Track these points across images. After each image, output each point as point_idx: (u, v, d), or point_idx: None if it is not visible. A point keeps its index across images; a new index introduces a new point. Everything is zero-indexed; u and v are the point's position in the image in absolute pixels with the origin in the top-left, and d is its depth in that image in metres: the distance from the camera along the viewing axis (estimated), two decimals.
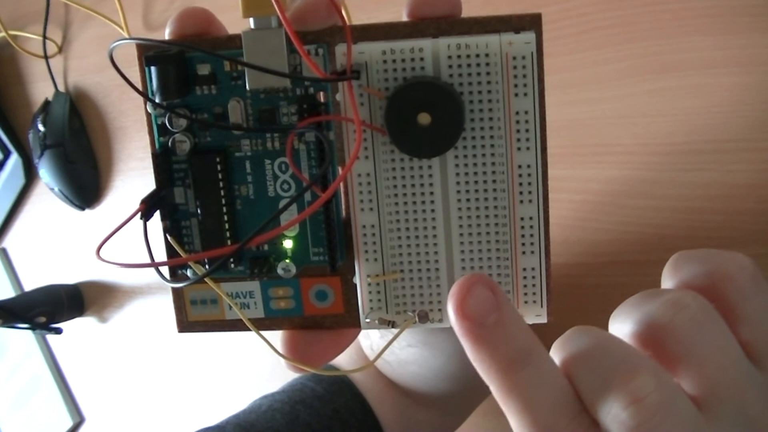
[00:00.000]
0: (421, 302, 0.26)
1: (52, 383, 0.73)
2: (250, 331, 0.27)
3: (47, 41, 0.69)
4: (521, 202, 0.24)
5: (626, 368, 0.20)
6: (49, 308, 0.67)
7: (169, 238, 0.27)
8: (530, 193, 0.24)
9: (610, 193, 0.44)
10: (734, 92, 0.40)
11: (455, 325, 0.21)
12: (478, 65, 0.23)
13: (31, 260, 0.76)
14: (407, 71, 0.24)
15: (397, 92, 0.23)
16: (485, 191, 0.24)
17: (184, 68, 0.25)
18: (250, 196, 0.26)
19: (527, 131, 0.24)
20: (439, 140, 0.24)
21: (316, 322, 0.27)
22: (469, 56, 0.23)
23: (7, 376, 0.76)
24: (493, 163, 0.24)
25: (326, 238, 0.26)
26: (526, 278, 0.25)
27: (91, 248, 0.24)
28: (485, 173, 0.24)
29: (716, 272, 0.22)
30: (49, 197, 0.71)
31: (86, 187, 0.68)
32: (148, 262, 0.23)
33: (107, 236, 0.24)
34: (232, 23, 0.26)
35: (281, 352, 0.27)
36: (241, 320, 0.27)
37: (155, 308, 0.67)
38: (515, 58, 0.23)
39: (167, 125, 0.26)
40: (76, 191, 0.67)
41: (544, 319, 0.26)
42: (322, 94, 0.25)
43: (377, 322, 0.26)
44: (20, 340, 0.75)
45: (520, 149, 0.24)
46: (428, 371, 0.41)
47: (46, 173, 0.67)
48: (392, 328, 0.26)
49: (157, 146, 0.26)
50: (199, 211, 0.26)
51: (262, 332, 0.26)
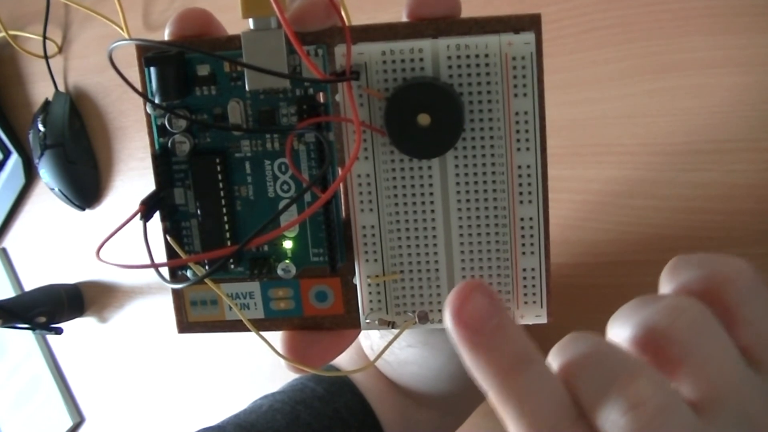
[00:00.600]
0: (421, 303, 0.26)
1: (52, 383, 0.73)
2: (250, 331, 0.27)
3: (47, 41, 0.69)
4: (521, 202, 0.24)
5: (624, 374, 0.20)
6: (49, 308, 0.67)
7: (168, 238, 0.27)
8: (530, 193, 0.24)
9: (610, 193, 0.44)
10: (734, 92, 0.40)
11: (452, 332, 0.21)
12: (477, 66, 0.23)
13: (31, 260, 0.75)
14: (407, 72, 0.24)
15: (396, 93, 0.23)
16: (485, 192, 0.24)
17: (183, 69, 0.25)
18: (249, 196, 0.26)
19: (527, 132, 0.24)
20: (438, 141, 0.24)
21: (315, 322, 0.27)
22: (468, 57, 0.23)
23: (7, 376, 0.76)
24: (492, 163, 0.24)
25: (326, 238, 0.26)
26: (525, 279, 0.25)
27: (91, 248, 0.24)
28: (485, 174, 0.24)
29: (714, 276, 0.22)
30: (49, 197, 0.71)
31: (86, 187, 0.68)
32: (147, 263, 0.23)
33: (107, 237, 0.24)
34: (231, 24, 0.26)
35: (281, 352, 0.27)
36: (241, 321, 0.27)
37: (155, 308, 0.67)
38: (515, 58, 0.23)
39: (167, 126, 0.26)
40: (76, 191, 0.67)
41: (544, 319, 0.26)
42: (321, 94, 0.25)
43: (377, 322, 0.26)
44: (20, 340, 0.75)
45: (519, 150, 0.24)
46: (428, 371, 0.41)
47: (46, 173, 0.67)
48: (392, 328, 0.26)
49: (156, 147, 0.26)
50: (198, 211, 0.26)
51: (262, 333, 0.26)
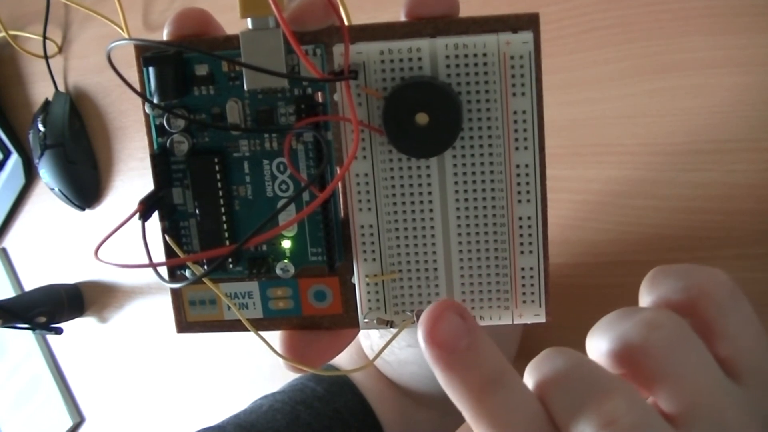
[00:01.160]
0: (419, 302, 0.26)
1: (52, 383, 0.73)
2: (248, 331, 0.27)
3: (47, 41, 0.69)
4: (519, 201, 0.24)
5: (599, 390, 0.20)
6: (49, 308, 0.67)
7: (167, 238, 0.27)
8: (528, 192, 0.24)
9: (610, 193, 0.44)
10: (734, 92, 0.40)
11: (425, 352, 0.21)
12: (475, 65, 0.23)
13: (31, 260, 0.76)
14: (405, 71, 0.24)
15: (394, 92, 0.23)
16: (483, 191, 0.24)
17: (181, 69, 0.25)
18: (248, 196, 0.26)
19: (525, 131, 0.24)
20: (437, 140, 0.24)
21: (314, 322, 0.27)
22: (466, 56, 0.23)
23: (7, 376, 0.76)
24: (491, 162, 0.24)
25: (324, 238, 0.26)
26: (524, 278, 0.25)
27: (91, 248, 0.24)
28: (483, 173, 0.24)
29: (693, 288, 0.22)
30: (49, 197, 0.71)
31: (86, 187, 0.68)
32: (146, 262, 0.23)
33: (105, 237, 0.24)
34: (229, 24, 0.26)
35: (280, 352, 0.27)
36: (239, 321, 0.27)
37: (155, 308, 0.68)
38: (513, 57, 0.23)
39: (165, 126, 0.26)
40: (76, 191, 0.67)
41: (542, 318, 0.26)
42: (319, 94, 0.25)
43: (376, 322, 0.26)
44: (20, 340, 0.75)
45: (518, 149, 0.24)
46: (428, 371, 0.41)
47: (46, 173, 0.67)
48: (391, 328, 0.26)
49: (155, 147, 0.26)
50: (197, 211, 0.26)
51: (260, 332, 0.26)
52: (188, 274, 0.27)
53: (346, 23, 0.24)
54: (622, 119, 0.44)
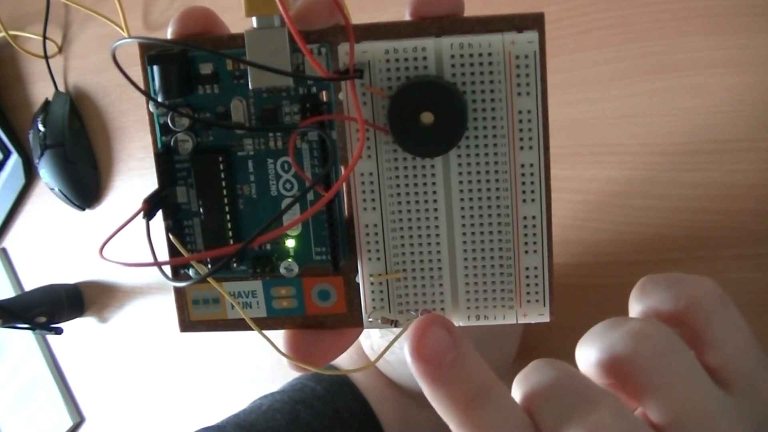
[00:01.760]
0: (423, 301, 0.26)
1: (52, 383, 0.73)
2: (252, 330, 0.26)
3: (47, 41, 0.69)
4: (524, 201, 0.24)
5: (585, 402, 0.20)
6: (49, 308, 0.67)
7: (171, 237, 0.27)
8: (533, 192, 0.24)
9: (610, 193, 0.45)
10: (734, 92, 0.41)
11: (412, 366, 0.21)
12: (480, 64, 0.23)
13: (31, 260, 0.75)
14: (410, 70, 0.24)
15: (399, 91, 0.23)
16: (488, 190, 0.24)
17: (186, 67, 0.25)
18: (252, 195, 0.26)
19: (530, 130, 0.24)
20: (442, 139, 0.24)
21: (318, 321, 0.27)
22: (471, 55, 0.23)
23: (7, 376, 0.76)
24: (495, 162, 0.24)
25: (329, 237, 0.26)
26: (528, 277, 0.25)
27: (91, 248, 0.24)
28: (488, 172, 0.24)
29: (682, 297, 0.22)
30: (49, 197, 0.71)
31: (86, 187, 0.68)
32: (150, 261, 0.23)
33: (110, 235, 0.24)
34: (233, 23, 0.26)
35: (284, 351, 0.27)
36: (243, 320, 0.27)
37: (155, 308, 0.67)
38: (518, 57, 0.23)
39: (169, 124, 0.26)
40: (76, 191, 0.67)
41: (546, 318, 0.26)
42: (324, 93, 0.25)
43: (380, 321, 0.26)
44: (20, 340, 0.75)
45: (522, 148, 0.24)
46: None
47: (46, 173, 0.67)
48: (395, 327, 0.26)
49: (159, 146, 0.26)
50: (201, 210, 0.26)
51: (264, 332, 0.26)
52: (192, 273, 0.27)
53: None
54: (622, 119, 0.44)
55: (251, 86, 0.25)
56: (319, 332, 0.28)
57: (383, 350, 0.28)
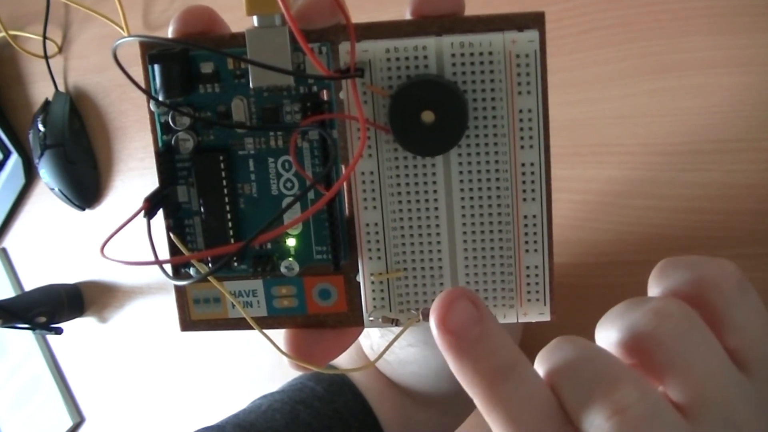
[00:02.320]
0: (424, 300, 0.26)
1: (52, 383, 0.73)
2: (253, 330, 0.26)
3: (47, 41, 0.69)
4: (524, 200, 0.25)
5: (609, 379, 0.20)
6: (49, 308, 0.67)
7: (172, 236, 0.27)
8: (533, 191, 0.24)
9: (610, 193, 0.45)
10: (734, 92, 0.41)
11: (438, 339, 0.21)
12: (481, 63, 0.23)
13: (31, 260, 0.75)
14: (411, 69, 0.24)
15: (400, 90, 0.23)
16: (488, 189, 0.24)
17: (187, 66, 0.25)
18: (253, 194, 0.26)
19: (530, 129, 0.24)
20: (442, 138, 0.24)
21: (319, 320, 0.27)
22: (472, 54, 0.23)
23: (7, 376, 0.76)
24: (496, 161, 0.24)
25: (329, 236, 0.26)
26: (529, 276, 0.25)
27: (91, 248, 0.24)
28: (488, 171, 0.24)
29: (702, 279, 0.22)
30: (49, 197, 0.71)
31: (86, 187, 0.68)
32: (151, 260, 0.23)
33: (111, 234, 0.24)
34: (234, 22, 0.26)
35: (284, 350, 0.27)
36: (244, 319, 0.27)
37: (155, 308, 0.67)
38: (519, 56, 0.23)
39: (170, 123, 0.26)
40: (76, 191, 0.67)
41: (547, 317, 0.26)
42: (325, 92, 0.25)
43: (380, 320, 0.26)
44: (20, 340, 0.75)
45: (523, 147, 0.24)
46: (428, 371, 0.41)
47: (46, 173, 0.67)
48: (395, 326, 0.26)
49: (160, 144, 0.26)
50: (202, 209, 0.26)
51: (265, 331, 0.26)
52: (193, 272, 0.27)
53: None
54: (622, 119, 0.44)
55: (252, 85, 0.25)
56: (319, 331, 0.28)
57: (383, 350, 0.28)
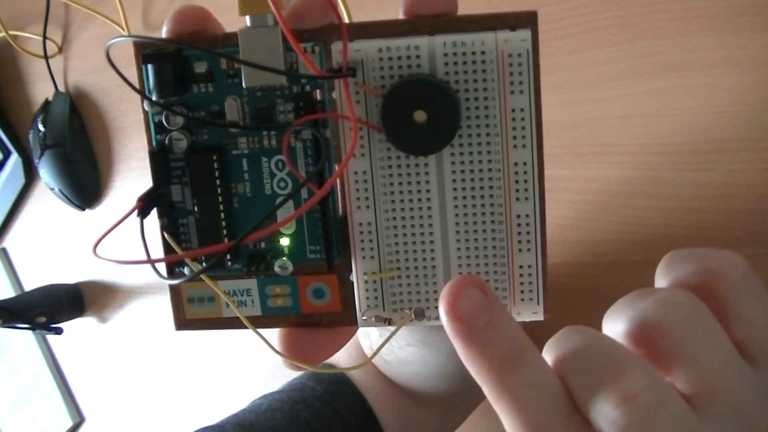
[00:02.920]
0: (417, 300, 0.26)
1: (52, 383, 0.73)
2: (247, 329, 0.27)
3: (47, 41, 0.69)
4: (517, 199, 0.24)
5: (617, 367, 0.20)
6: (49, 308, 0.67)
7: (166, 235, 0.27)
8: (526, 190, 0.24)
9: (610, 193, 0.44)
10: (734, 92, 0.40)
11: (447, 326, 0.21)
12: (474, 63, 0.23)
13: (31, 260, 0.76)
14: (403, 69, 0.24)
15: (393, 90, 0.23)
16: (481, 189, 0.24)
17: (180, 66, 0.25)
18: (246, 193, 0.26)
19: (523, 129, 0.24)
20: (435, 138, 0.24)
21: (313, 319, 0.27)
22: (465, 54, 0.23)
23: (7, 376, 0.76)
24: (489, 160, 0.24)
25: (323, 235, 0.26)
26: (522, 276, 0.25)
27: (91, 248, 0.24)
28: (481, 171, 0.24)
29: (709, 271, 0.22)
30: (49, 197, 0.71)
31: (86, 187, 0.68)
32: (144, 259, 0.23)
33: (104, 233, 0.24)
34: (230, 23, 0.26)
35: (278, 350, 0.27)
36: (238, 318, 0.27)
37: (155, 308, 0.68)
38: (511, 55, 0.23)
39: (164, 123, 0.26)
40: (76, 191, 0.68)
41: (540, 316, 0.26)
42: (318, 91, 0.25)
43: (374, 319, 0.26)
44: (20, 340, 0.75)
45: (516, 147, 0.24)
46: (427, 370, 0.41)
47: (46, 173, 0.67)
48: (389, 325, 0.26)
49: (154, 144, 0.26)
50: (196, 208, 0.26)
51: (259, 330, 0.26)
52: (187, 271, 0.27)
53: (346, 21, 0.24)
54: (622, 119, 0.44)
55: (245, 85, 0.25)
56: (314, 330, 0.28)
57: (379, 347, 0.28)
